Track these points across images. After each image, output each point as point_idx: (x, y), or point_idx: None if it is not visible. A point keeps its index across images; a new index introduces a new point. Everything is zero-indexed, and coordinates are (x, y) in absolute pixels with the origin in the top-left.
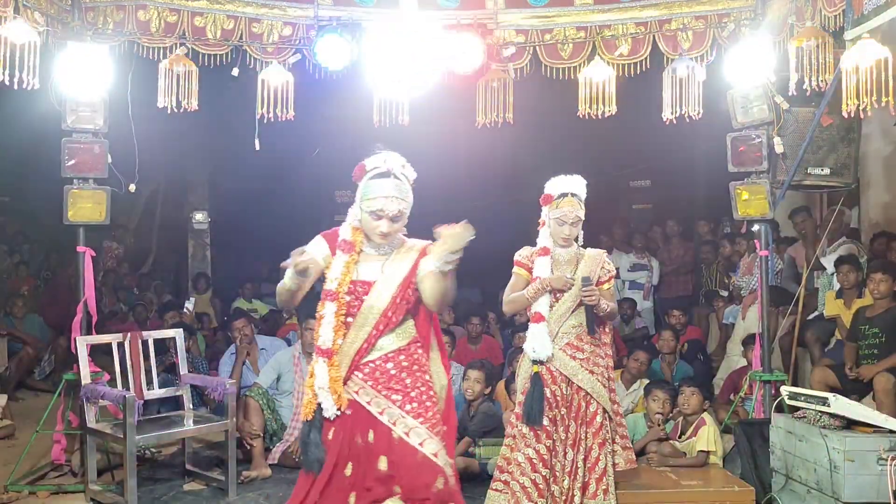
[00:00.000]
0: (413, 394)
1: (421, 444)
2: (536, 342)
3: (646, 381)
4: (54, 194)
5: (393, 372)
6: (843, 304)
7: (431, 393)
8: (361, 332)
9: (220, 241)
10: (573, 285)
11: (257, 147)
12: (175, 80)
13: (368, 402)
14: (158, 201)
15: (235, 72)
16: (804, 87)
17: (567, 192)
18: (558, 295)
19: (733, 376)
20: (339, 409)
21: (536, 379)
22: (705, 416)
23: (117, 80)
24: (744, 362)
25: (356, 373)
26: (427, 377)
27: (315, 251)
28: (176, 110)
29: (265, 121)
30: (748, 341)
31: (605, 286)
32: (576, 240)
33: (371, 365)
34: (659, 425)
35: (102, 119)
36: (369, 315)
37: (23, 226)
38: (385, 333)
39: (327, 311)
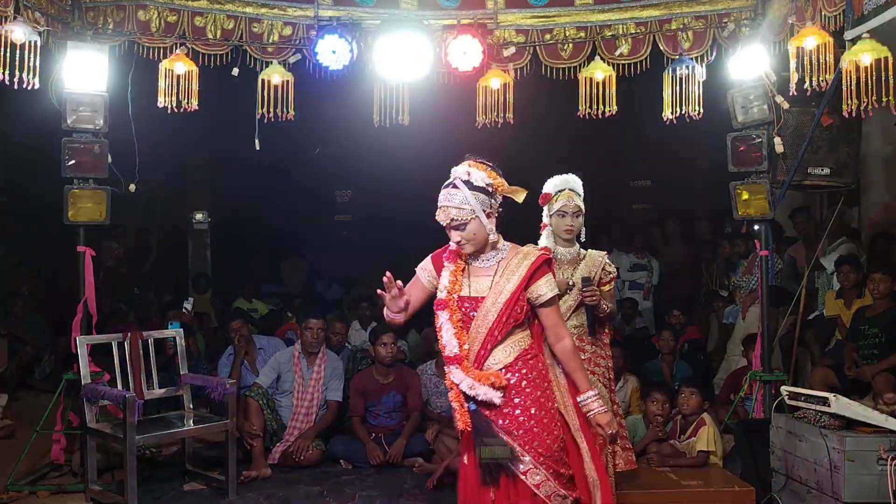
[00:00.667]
0: (519, 416)
1: (524, 474)
2: None
3: (631, 377)
4: (54, 194)
5: None
6: (843, 304)
7: (542, 413)
8: (471, 352)
9: (220, 241)
10: (572, 289)
11: (257, 147)
12: (175, 80)
13: None
14: (158, 201)
15: (235, 72)
16: (804, 87)
17: (564, 187)
18: (562, 295)
19: (733, 376)
20: (502, 391)
21: None
22: (705, 416)
23: (117, 80)
24: (744, 362)
25: None
26: (539, 392)
27: (421, 274)
28: (176, 110)
29: (265, 121)
30: (748, 341)
31: (606, 288)
32: (578, 238)
33: None
34: (658, 427)
35: (102, 119)
36: (477, 334)
37: (23, 226)
38: (492, 351)
39: (443, 320)
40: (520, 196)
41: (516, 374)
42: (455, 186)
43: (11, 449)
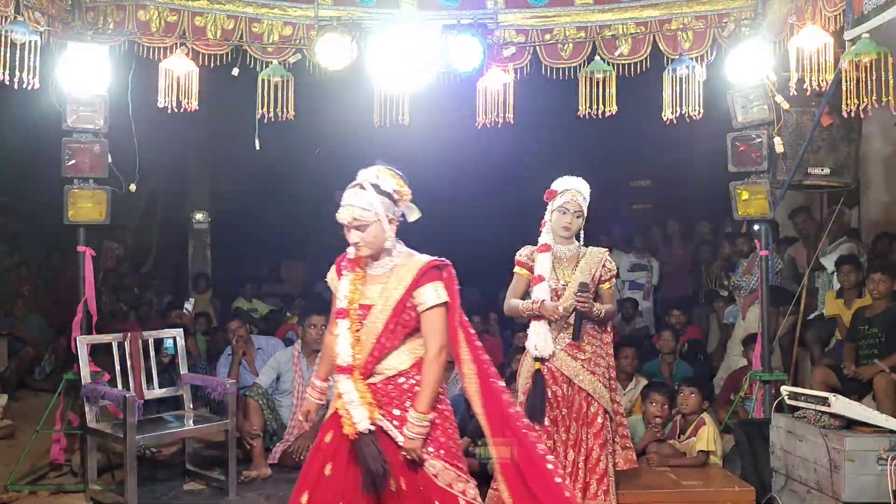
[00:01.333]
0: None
1: (423, 465)
2: (539, 340)
3: (642, 378)
4: (54, 194)
5: (394, 395)
6: (843, 303)
7: (434, 415)
8: (361, 357)
9: (220, 241)
10: (562, 316)
11: (257, 147)
12: (175, 80)
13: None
14: (158, 201)
15: (235, 72)
16: (804, 87)
17: (571, 187)
18: (560, 293)
19: (733, 376)
20: (371, 423)
21: (539, 377)
22: (705, 415)
23: (117, 80)
24: (744, 362)
25: None
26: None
27: (332, 285)
28: (176, 110)
29: (265, 121)
30: (748, 341)
31: (606, 285)
32: (577, 237)
33: (372, 388)
34: (656, 428)
35: (102, 119)
36: (366, 341)
37: (23, 226)
38: (383, 358)
39: (341, 329)
40: (413, 215)
41: (411, 380)
42: (362, 188)
43: (11, 449)
